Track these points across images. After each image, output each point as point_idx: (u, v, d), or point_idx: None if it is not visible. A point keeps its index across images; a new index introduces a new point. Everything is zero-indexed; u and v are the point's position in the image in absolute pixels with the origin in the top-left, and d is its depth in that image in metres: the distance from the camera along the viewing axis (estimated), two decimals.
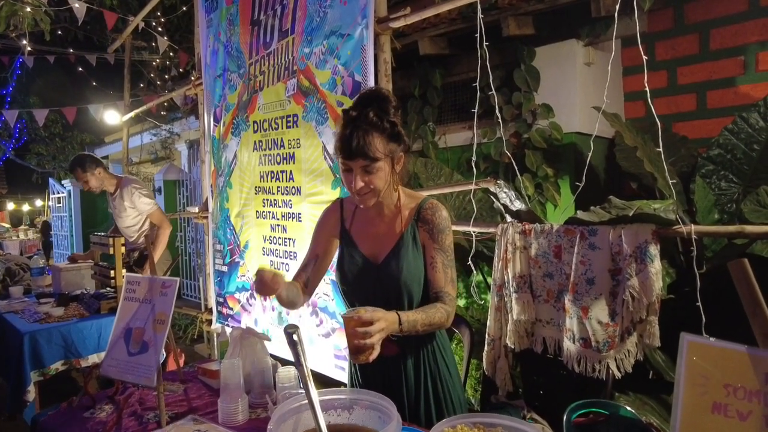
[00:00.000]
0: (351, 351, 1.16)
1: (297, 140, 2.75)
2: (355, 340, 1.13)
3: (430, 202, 1.44)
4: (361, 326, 1.12)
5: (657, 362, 1.95)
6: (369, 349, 1.14)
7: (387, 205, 1.44)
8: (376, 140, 1.27)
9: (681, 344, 0.73)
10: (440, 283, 1.37)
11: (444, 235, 1.40)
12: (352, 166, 1.29)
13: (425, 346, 1.44)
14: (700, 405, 0.70)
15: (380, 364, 1.38)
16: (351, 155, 1.27)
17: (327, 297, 2.57)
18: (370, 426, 0.97)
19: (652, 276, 1.62)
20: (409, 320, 1.23)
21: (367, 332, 1.11)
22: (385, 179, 1.33)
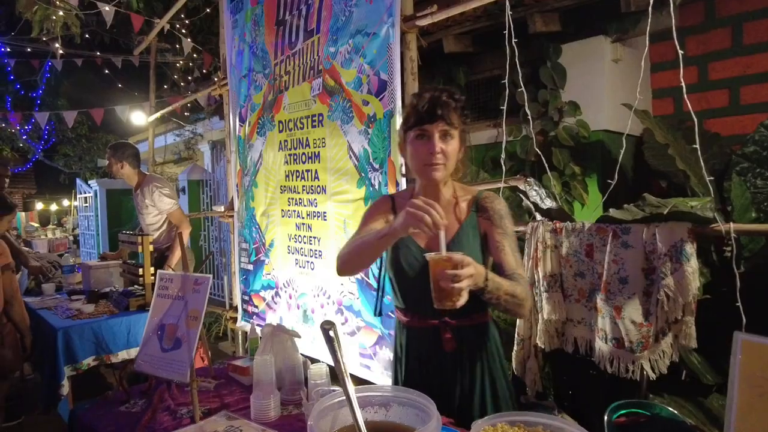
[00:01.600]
0: (437, 295, 1.13)
1: (322, 139, 2.76)
2: (442, 282, 1.09)
3: (487, 192, 1.46)
4: (452, 267, 1.08)
5: (693, 364, 1.90)
6: (457, 293, 1.10)
7: (444, 196, 1.43)
8: (453, 112, 1.31)
9: (734, 344, 0.70)
10: (511, 264, 1.33)
11: (506, 220, 1.40)
12: (431, 130, 1.30)
13: (483, 343, 1.42)
14: (757, 408, 0.67)
15: (436, 360, 1.40)
16: (432, 118, 1.29)
17: (352, 295, 2.58)
18: (408, 424, 0.96)
19: (689, 275, 1.59)
20: (494, 280, 1.20)
21: (456, 275, 1.07)
22: (455, 157, 1.36)
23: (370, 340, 2.48)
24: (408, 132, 1.36)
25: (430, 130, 1.30)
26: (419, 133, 1.32)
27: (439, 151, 1.30)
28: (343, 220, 2.63)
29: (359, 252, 1.34)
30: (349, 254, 1.38)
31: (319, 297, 2.83)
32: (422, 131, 1.31)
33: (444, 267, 1.09)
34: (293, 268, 3.03)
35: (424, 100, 1.32)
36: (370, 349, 2.48)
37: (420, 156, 1.33)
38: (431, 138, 1.31)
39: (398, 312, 1.52)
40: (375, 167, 2.43)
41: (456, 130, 1.33)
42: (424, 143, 1.32)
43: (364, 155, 2.48)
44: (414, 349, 1.45)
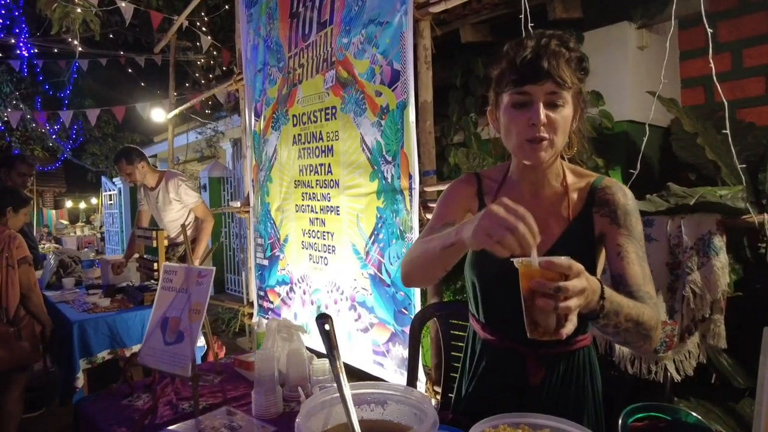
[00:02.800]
0: (530, 320, 0.80)
1: (335, 132, 2.72)
2: (540, 301, 0.77)
3: (608, 179, 1.10)
4: (555, 279, 0.77)
5: (722, 366, 1.79)
6: (562, 319, 0.78)
7: (549, 181, 1.11)
8: (566, 65, 0.98)
9: (764, 341, 0.62)
10: (636, 279, 0.97)
11: (633, 218, 1.05)
12: (534, 93, 0.98)
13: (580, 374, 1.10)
14: None
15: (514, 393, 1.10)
16: (536, 75, 0.96)
17: (365, 291, 2.53)
18: (405, 423, 0.90)
19: (717, 270, 1.48)
20: (613, 300, 0.86)
21: (561, 288, 0.75)
22: (567, 128, 1.02)
23: (383, 337, 2.43)
24: (501, 95, 1.04)
25: (534, 94, 0.98)
26: (517, 97, 0.99)
27: (544, 121, 0.98)
28: (356, 215, 2.58)
29: (422, 264, 1.04)
30: (411, 264, 1.09)
31: (332, 293, 2.79)
32: (522, 95, 0.99)
33: (542, 278, 0.78)
34: (307, 263, 2.99)
35: (526, 49, 0.97)
36: (383, 346, 2.43)
37: (517, 129, 1.01)
38: (534, 104, 0.98)
39: (474, 323, 1.23)
40: (388, 160, 2.37)
41: (569, 91, 0.99)
42: (524, 112, 0.99)
43: (377, 148, 2.43)
44: (490, 373, 1.16)
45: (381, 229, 2.43)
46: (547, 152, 1.01)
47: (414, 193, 2.25)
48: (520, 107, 1.00)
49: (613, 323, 0.87)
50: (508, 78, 1.00)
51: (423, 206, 2.26)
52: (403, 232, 2.30)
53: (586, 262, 1.01)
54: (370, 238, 2.49)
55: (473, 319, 1.23)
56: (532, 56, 0.97)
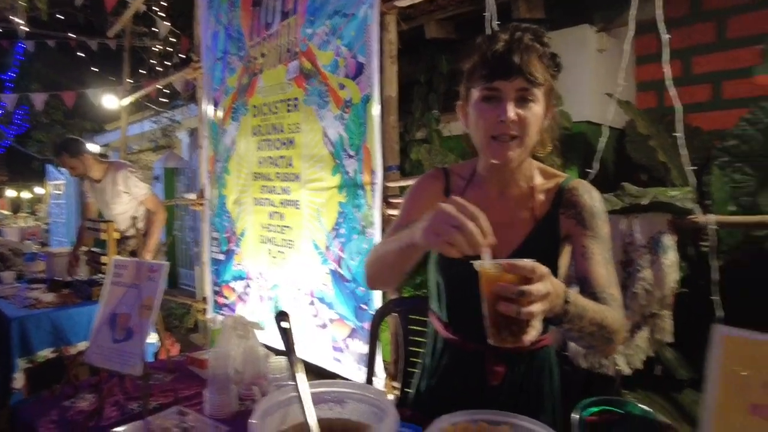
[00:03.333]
0: (493, 325, 0.77)
1: (297, 125, 2.67)
2: (502, 306, 0.73)
3: (576, 180, 1.08)
4: (518, 282, 0.73)
5: (667, 359, 1.86)
6: (524, 324, 0.75)
7: (516, 181, 1.08)
8: (538, 61, 0.96)
9: (713, 339, 0.64)
10: (601, 280, 0.96)
11: (599, 220, 1.03)
12: (504, 90, 0.95)
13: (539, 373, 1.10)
14: (736, 407, 0.61)
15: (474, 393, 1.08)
16: (507, 72, 0.93)
17: (325, 287, 2.50)
18: (365, 421, 0.89)
19: (666, 268, 1.54)
20: (577, 303, 0.84)
21: (524, 293, 0.71)
22: (538, 126, 0.99)
23: (342, 333, 2.41)
24: (471, 90, 1.01)
25: (504, 90, 0.95)
26: (487, 93, 0.96)
27: (514, 119, 0.94)
28: (317, 209, 2.54)
29: (383, 265, 1.01)
30: (373, 266, 1.06)
31: (290, 288, 2.75)
32: (491, 90, 0.96)
33: (504, 282, 0.74)
34: (265, 258, 2.93)
35: (498, 42, 0.95)
36: (342, 342, 2.41)
37: (486, 125, 0.98)
38: (503, 101, 0.95)
39: (436, 321, 1.20)
40: (350, 154, 2.35)
41: (540, 88, 0.96)
42: (493, 107, 0.96)
43: (340, 141, 2.40)
44: (450, 371, 1.14)
45: (342, 224, 2.40)
46: (515, 151, 0.98)
47: (376, 188, 2.24)
48: (489, 103, 0.97)
49: (577, 327, 0.86)
50: (479, 72, 0.98)
51: (385, 201, 2.25)
52: (365, 228, 2.28)
53: (551, 263, 1.02)
54: (330, 233, 2.46)
55: (435, 317, 1.21)
56: (503, 50, 0.94)
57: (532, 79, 0.94)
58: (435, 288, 1.18)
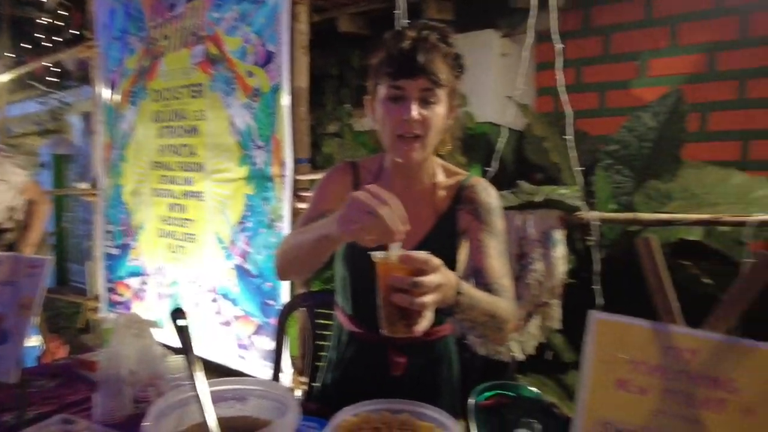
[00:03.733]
0: (387, 315, 0.79)
1: (201, 112, 2.55)
2: (396, 297, 0.74)
3: (475, 178, 1.13)
4: (411, 274, 0.74)
5: (556, 343, 2.03)
6: (416, 315, 0.77)
7: (420, 178, 1.11)
8: (440, 62, 0.97)
9: (589, 322, 0.71)
10: (493, 272, 1.00)
11: (494, 216, 1.08)
12: (407, 89, 0.96)
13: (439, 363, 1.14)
14: (605, 382, 0.68)
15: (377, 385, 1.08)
16: (411, 71, 0.94)
17: (229, 282, 2.42)
18: (266, 417, 0.88)
19: (556, 260, 1.67)
20: (470, 294, 0.87)
21: (417, 283, 0.73)
22: (441, 126, 1.02)
23: (247, 330, 2.35)
24: (378, 86, 1.02)
25: (408, 89, 0.96)
26: (393, 91, 0.98)
27: (417, 119, 0.96)
28: (222, 201, 2.45)
29: (297, 256, 0.99)
30: (286, 257, 1.04)
31: (192, 285, 2.63)
32: (396, 89, 0.97)
33: (399, 272, 0.75)
34: (164, 253, 2.78)
35: (404, 41, 0.96)
36: (247, 339, 2.35)
37: (391, 124, 0.99)
38: (407, 100, 0.97)
39: (341, 314, 1.22)
40: (259, 145, 2.29)
41: (443, 89, 0.98)
42: (398, 106, 0.98)
43: (248, 131, 2.32)
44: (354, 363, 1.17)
45: (249, 218, 2.33)
46: (417, 152, 1.00)
47: (286, 181, 2.20)
48: (394, 101, 0.98)
49: (470, 317, 0.90)
50: (385, 69, 0.98)
51: (295, 195, 2.22)
52: (273, 221, 2.23)
53: (451, 256, 1.08)
54: (236, 227, 2.39)
55: (340, 311, 1.22)
56: (409, 49, 0.95)
57: (435, 79, 0.97)
58: (341, 281, 1.19)
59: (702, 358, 0.61)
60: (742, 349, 0.59)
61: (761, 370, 0.58)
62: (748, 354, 0.59)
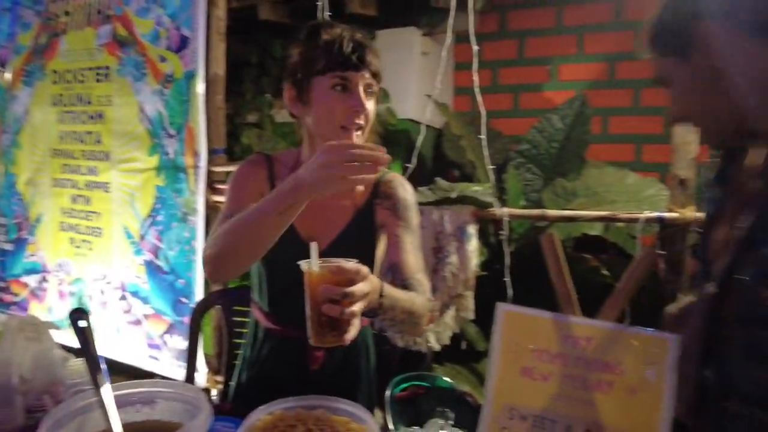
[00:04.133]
0: (316, 326, 0.79)
1: (108, 97, 2.37)
2: (326, 307, 0.75)
3: (392, 174, 1.15)
4: (341, 283, 0.75)
5: (469, 334, 2.12)
6: (346, 322, 0.78)
7: None
8: (378, 61, 1.01)
9: (497, 314, 0.75)
10: (410, 267, 1.03)
11: (410, 212, 1.10)
12: (354, 80, 0.98)
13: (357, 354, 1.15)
14: (511, 370, 0.73)
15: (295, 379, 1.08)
16: (358, 64, 0.97)
17: (139, 280, 2.29)
18: (177, 420, 0.84)
19: (470, 254, 1.75)
20: (391, 295, 0.90)
21: (348, 294, 0.75)
22: (373, 121, 1.05)
23: (159, 329, 2.24)
24: (313, 77, 1.00)
25: (354, 81, 0.98)
26: (338, 81, 0.98)
27: (366, 105, 0.99)
28: (131, 193, 2.30)
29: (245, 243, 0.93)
30: (225, 245, 0.95)
31: (98, 282, 2.45)
32: (344, 80, 0.98)
33: (329, 285, 0.75)
34: (67, 248, 2.57)
35: (342, 37, 0.98)
36: (159, 339, 2.24)
37: (337, 114, 0.98)
38: (355, 91, 0.98)
39: (257, 311, 1.19)
40: (171, 133, 2.17)
41: (380, 84, 1.04)
42: (345, 97, 0.98)
43: (159, 119, 2.20)
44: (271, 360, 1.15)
45: (160, 211, 2.21)
46: (359, 142, 1.00)
47: (200, 172, 2.11)
48: (340, 91, 0.98)
49: (390, 316, 0.93)
50: (328, 60, 0.98)
51: (210, 187, 2.13)
52: (186, 215, 2.14)
53: (369, 250, 1.10)
54: (146, 221, 2.25)
55: (256, 307, 1.20)
56: (352, 44, 0.97)
57: (377, 73, 1.01)
58: (257, 277, 1.17)
59: (595, 345, 0.67)
60: (627, 336, 0.66)
61: (643, 354, 0.64)
62: (632, 339, 0.65)
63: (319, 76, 0.99)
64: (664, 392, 0.62)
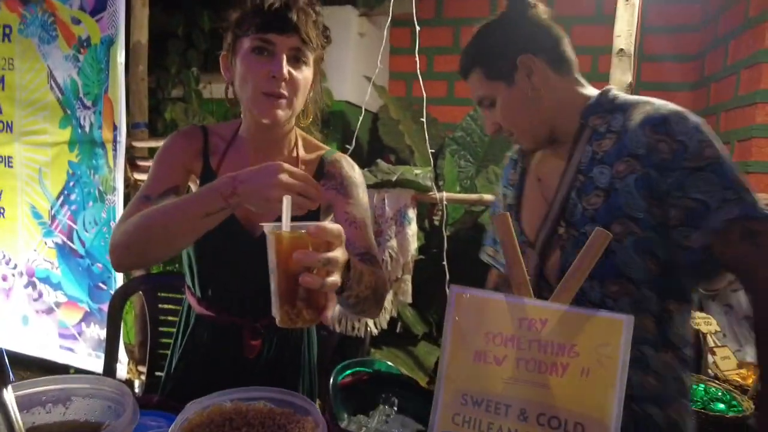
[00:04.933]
0: (287, 303, 0.67)
1: (9, 60, 2.11)
2: (307, 277, 0.63)
3: (338, 154, 1.09)
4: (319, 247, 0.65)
5: (406, 317, 2.13)
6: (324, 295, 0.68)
7: (281, 148, 1.03)
8: (313, 25, 0.94)
9: (449, 297, 0.73)
10: (365, 242, 0.98)
11: (359, 190, 1.05)
12: (278, 44, 0.90)
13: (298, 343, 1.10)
14: (463, 355, 0.71)
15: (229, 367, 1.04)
16: (282, 25, 0.89)
17: (50, 264, 2.08)
18: (96, 420, 0.75)
19: (409, 237, 1.74)
20: (356, 266, 0.80)
21: (331, 261, 0.65)
22: (306, 92, 0.98)
23: (73, 317, 2.05)
24: (240, 39, 0.94)
25: (278, 44, 0.91)
26: (259, 44, 0.91)
27: (286, 77, 0.91)
28: (38, 169, 2.08)
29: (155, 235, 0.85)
30: (136, 238, 0.87)
31: (0, 266, 2.20)
32: (265, 42, 0.90)
33: (307, 249, 0.64)
34: None
35: (266, 2, 0.91)
36: (74, 328, 2.05)
37: (256, 80, 0.91)
38: (277, 55, 0.91)
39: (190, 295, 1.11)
40: (86, 104, 1.97)
41: (313, 53, 0.95)
42: (265, 61, 0.91)
43: (72, 87, 1.99)
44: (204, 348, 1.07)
45: (74, 189, 2.01)
46: (284, 111, 0.94)
47: (119, 147, 1.93)
48: (260, 55, 0.92)
49: (355, 293, 0.82)
50: (252, 21, 0.91)
51: (130, 163, 1.97)
52: (104, 193, 1.96)
53: None
54: (57, 200, 2.04)
55: (189, 292, 1.11)
56: (280, 5, 0.91)
57: (307, 39, 0.93)
58: (186, 260, 1.09)
59: (550, 327, 0.67)
60: (582, 317, 0.66)
61: (596, 335, 0.65)
62: (586, 321, 0.65)
63: (244, 38, 0.93)
64: (617, 373, 0.62)
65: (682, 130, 0.82)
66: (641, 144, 0.85)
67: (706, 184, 0.80)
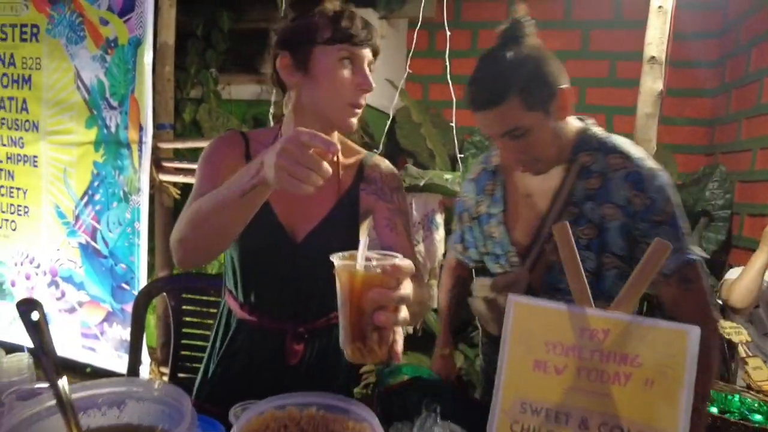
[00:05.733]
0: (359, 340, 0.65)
1: (37, 60, 2.13)
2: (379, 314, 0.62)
3: (378, 157, 1.09)
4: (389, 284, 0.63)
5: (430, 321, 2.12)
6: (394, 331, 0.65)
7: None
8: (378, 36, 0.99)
9: (508, 306, 0.73)
10: (405, 250, 0.95)
11: (399, 194, 1.05)
12: (361, 56, 0.94)
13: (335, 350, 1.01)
14: (523, 363, 0.71)
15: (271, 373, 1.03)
16: (366, 39, 0.94)
17: (73, 264, 2.09)
18: (150, 424, 0.75)
19: (437, 242, 1.73)
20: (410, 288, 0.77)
21: (404, 299, 0.64)
22: None
23: (96, 317, 2.06)
24: (316, 46, 0.94)
25: (361, 57, 0.94)
26: (346, 55, 0.93)
27: (371, 87, 0.95)
28: (64, 169, 2.09)
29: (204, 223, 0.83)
30: (188, 230, 0.86)
31: (24, 266, 2.21)
32: (351, 54, 0.93)
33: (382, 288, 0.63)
34: None
35: (350, 11, 0.95)
36: (96, 327, 2.06)
37: (343, 90, 0.93)
38: (362, 68, 0.94)
39: (232, 300, 1.09)
40: (112, 105, 1.98)
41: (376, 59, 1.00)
42: (354, 72, 0.94)
43: (99, 88, 2.00)
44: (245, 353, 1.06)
45: (98, 189, 2.02)
46: (356, 120, 0.97)
47: (145, 148, 1.94)
48: (347, 65, 0.94)
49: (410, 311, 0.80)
50: (337, 32, 0.93)
51: (156, 165, 1.97)
52: (128, 194, 1.96)
53: (352, 237, 0.97)
54: (81, 200, 2.05)
55: (230, 296, 1.10)
56: (359, 19, 0.95)
57: (377, 53, 0.98)
58: (229, 263, 1.08)
59: (612, 337, 0.66)
60: (645, 328, 0.65)
61: (660, 346, 0.64)
62: (650, 331, 0.65)
63: (324, 46, 0.94)
64: (683, 384, 0.62)
65: (653, 188, 0.99)
66: (622, 197, 1.01)
67: (664, 235, 0.95)
